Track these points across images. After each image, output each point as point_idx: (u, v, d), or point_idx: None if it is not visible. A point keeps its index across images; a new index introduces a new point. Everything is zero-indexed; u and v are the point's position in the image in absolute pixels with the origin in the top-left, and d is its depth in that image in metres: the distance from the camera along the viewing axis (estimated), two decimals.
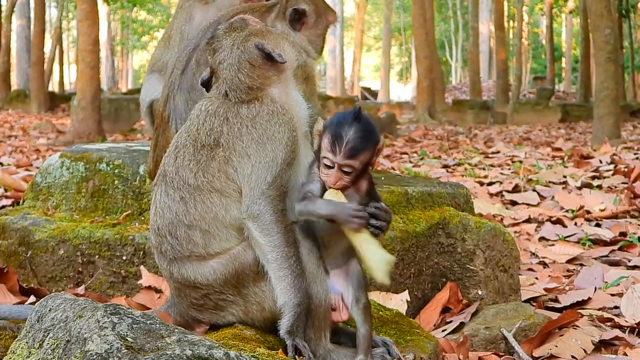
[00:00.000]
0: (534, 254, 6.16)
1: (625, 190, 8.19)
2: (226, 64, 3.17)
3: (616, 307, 4.66)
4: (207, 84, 3.29)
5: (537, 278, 5.39)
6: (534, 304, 4.77)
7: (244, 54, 3.15)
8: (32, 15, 38.94)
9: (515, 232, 6.96)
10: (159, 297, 4.15)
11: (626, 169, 9.77)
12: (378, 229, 3.01)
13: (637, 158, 12.12)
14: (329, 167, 3.01)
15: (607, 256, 6.03)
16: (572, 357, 3.87)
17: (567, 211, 7.71)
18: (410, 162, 14.09)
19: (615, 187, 8.97)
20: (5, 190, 7.57)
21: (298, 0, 4.33)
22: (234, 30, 3.22)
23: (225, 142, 3.09)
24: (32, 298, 4.24)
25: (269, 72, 3.17)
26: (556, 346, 3.92)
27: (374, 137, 3.06)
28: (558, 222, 7.16)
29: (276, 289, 3.02)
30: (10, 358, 2.68)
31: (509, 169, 11.62)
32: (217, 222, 3.08)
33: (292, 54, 3.33)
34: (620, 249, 6.23)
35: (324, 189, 3.05)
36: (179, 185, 3.12)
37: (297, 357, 2.95)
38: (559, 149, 15.72)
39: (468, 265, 4.46)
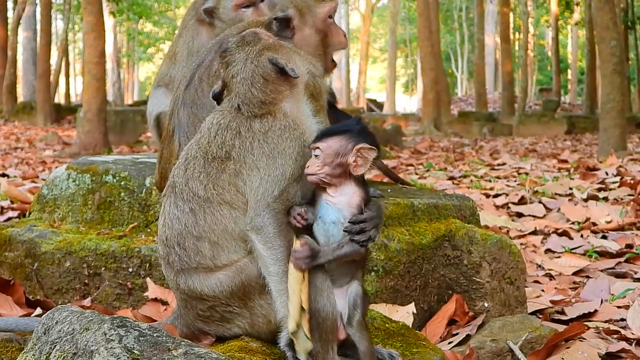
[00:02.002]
0: (540, 266, 6.15)
1: (632, 202, 8.18)
2: (239, 78, 3.17)
3: (623, 320, 4.65)
4: (218, 97, 3.29)
5: (543, 290, 5.38)
6: (540, 316, 4.76)
7: (258, 69, 3.16)
8: (38, 27, 39.04)
9: (521, 244, 6.95)
10: (165, 309, 4.15)
11: (632, 181, 9.75)
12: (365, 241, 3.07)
13: None
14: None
15: (613, 268, 6.01)
16: None
17: (573, 223, 7.69)
18: (416, 173, 14.07)
19: (622, 199, 8.96)
20: (12, 202, 7.58)
21: (280, 8, 4.12)
22: (247, 44, 3.22)
23: (236, 155, 3.09)
24: (39, 310, 4.24)
25: (281, 86, 3.17)
26: (562, 359, 3.91)
27: (353, 131, 3.10)
28: (564, 234, 7.15)
29: (276, 302, 3.03)
30: None
31: (515, 181, 11.60)
32: (226, 234, 3.08)
33: (304, 68, 3.32)
34: (626, 261, 6.21)
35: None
36: (188, 197, 3.12)
37: None
38: (565, 161, 15.71)
39: (474, 278, 4.46)
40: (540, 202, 8.88)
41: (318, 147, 3.03)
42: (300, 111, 3.23)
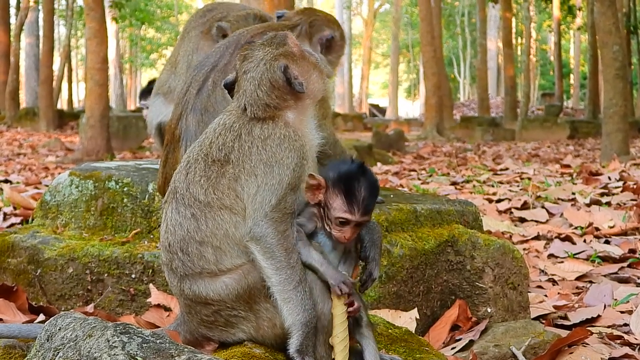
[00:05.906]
0: (543, 271, 6.14)
1: (635, 207, 8.16)
2: (249, 75, 3.17)
3: (626, 325, 4.64)
4: (230, 87, 3.29)
5: (546, 295, 5.38)
6: (543, 321, 4.76)
7: (267, 72, 3.15)
8: (41, 33, 39.07)
9: (524, 249, 6.94)
10: (168, 315, 4.15)
11: (635, 186, 9.73)
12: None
13: None
14: (344, 224, 3.08)
15: (616, 273, 6.00)
16: None
17: (576, 228, 7.68)
18: (419, 179, 14.07)
19: (624, 203, 8.94)
20: (14, 209, 7.59)
21: (322, 27, 4.46)
22: (270, 44, 3.21)
23: (235, 159, 3.09)
24: (42, 316, 4.24)
25: (287, 95, 3.15)
26: None
27: (378, 186, 3.18)
28: (567, 239, 7.14)
29: (283, 310, 3.01)
30: None
31: (518, 186, 11.59)
32: (228, 239, 3.07)
33: (318, 85, 3.28)
34: (629, 266, 6.20)
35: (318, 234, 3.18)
36: (189, 202, 3.11)
37: None
38: (568, 166, 15.69)
39: (477, 283, 4.46)
40: (543, 207, 8.87)
41: (366, 220, 3.11)
42: (303, 123, 3.21)
